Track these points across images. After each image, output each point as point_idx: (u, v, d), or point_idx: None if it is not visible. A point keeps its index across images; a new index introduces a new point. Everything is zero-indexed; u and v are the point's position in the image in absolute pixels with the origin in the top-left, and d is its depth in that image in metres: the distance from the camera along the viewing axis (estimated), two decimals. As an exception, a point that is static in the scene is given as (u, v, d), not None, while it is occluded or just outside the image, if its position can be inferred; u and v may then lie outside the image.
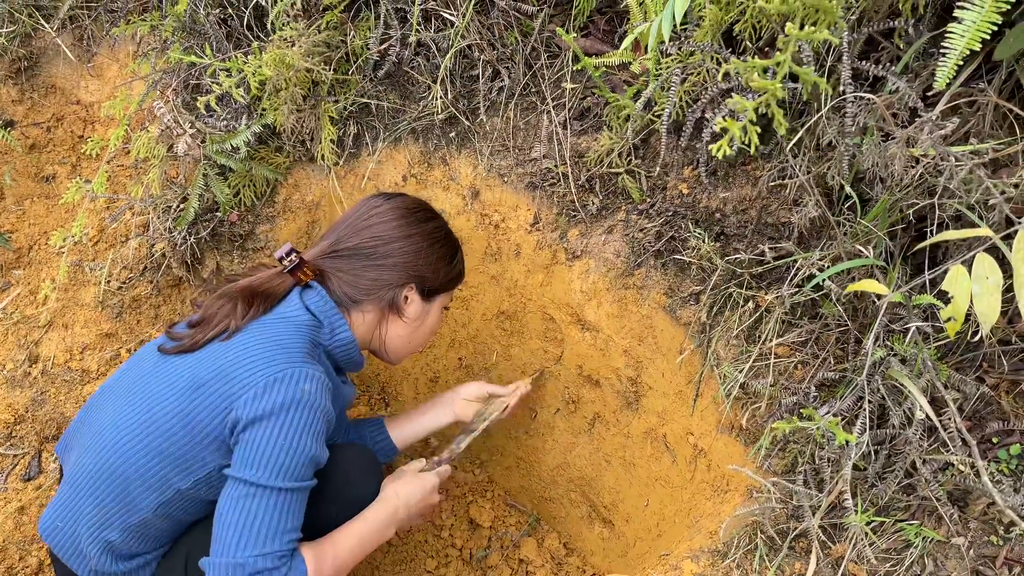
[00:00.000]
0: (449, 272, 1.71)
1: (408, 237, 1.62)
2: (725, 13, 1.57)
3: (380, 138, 2.10)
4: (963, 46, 1.07)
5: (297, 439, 1.38)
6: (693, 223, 1.71)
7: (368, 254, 1.60)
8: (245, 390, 1.38)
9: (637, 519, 1.99)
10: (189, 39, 2.16)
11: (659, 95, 1.66)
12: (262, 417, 1.37)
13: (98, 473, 1.46)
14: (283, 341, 1.47)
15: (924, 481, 1.36)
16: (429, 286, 1.68)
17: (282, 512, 1.37)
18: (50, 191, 2.59)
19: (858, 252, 1.44)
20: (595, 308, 1.87)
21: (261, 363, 1.41)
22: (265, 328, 1.49)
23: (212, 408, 1.40)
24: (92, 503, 1.46)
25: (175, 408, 1.42)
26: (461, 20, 1.94)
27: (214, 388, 1.41)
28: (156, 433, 1.43)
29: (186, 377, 1.44)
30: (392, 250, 1.61)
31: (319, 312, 1.55)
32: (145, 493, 1.44)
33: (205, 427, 1.41)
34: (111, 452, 1.45)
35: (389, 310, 1.65)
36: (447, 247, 1.71)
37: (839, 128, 1.38)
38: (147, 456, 1.43)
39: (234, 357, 1.43)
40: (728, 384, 1.61)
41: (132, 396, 1.49)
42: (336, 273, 1.60)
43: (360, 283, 1.60)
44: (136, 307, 2.31)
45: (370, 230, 1.61)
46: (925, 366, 1.33)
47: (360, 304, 1.61)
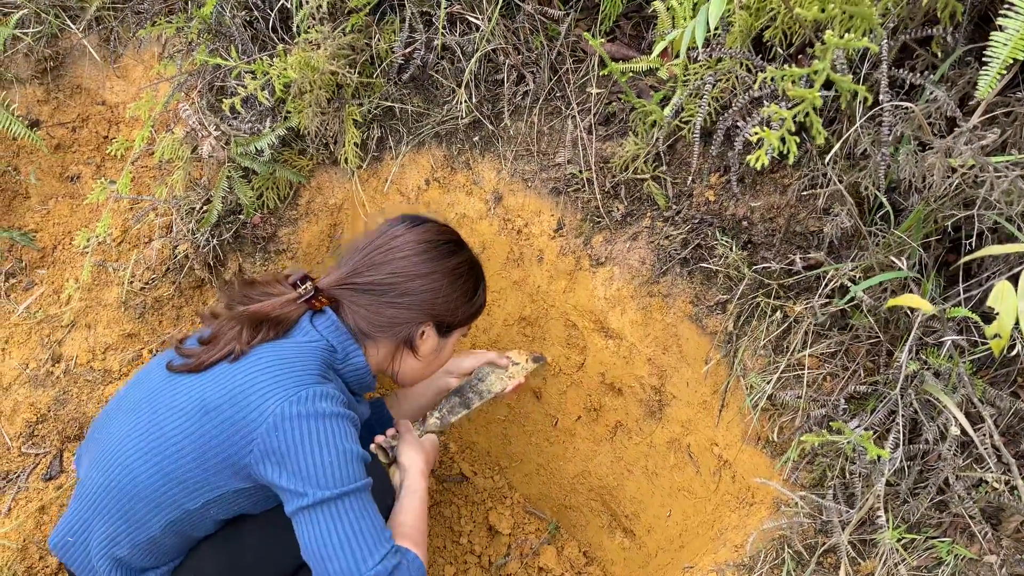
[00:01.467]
0: (469, 308, 1.65)
1: (429, 275, 1.55)
2: (755, 19, 1.55)
3: (404, 142, 2.10)
4: (1006, 55, 1.05)
5: (338, 445, 1.36)
6: (720, 231, 1.69)
7: (385, 291, 1.54)
8: (260, 419, 1.35)
9: (659, 530, 1.97)
10: (215, 41, 2.16)
11: (688, 102, 1.64)
12: (294, 444, 1.34)
13: (105, 489, 1.45)
14: (294, 363, 1.43)
15: (957, 498, 1.33)
16: (447, 323, 1.63)
17: (369, 514, 1.36)
18: (75, 191, 2.60)
19: (891, 263, 1.41)
20: (619, 315, 1.85)
21: (273, 387, 1.38)
22: (276, 351, 1.45)
23: (224, 434, 1.38)
24: (100, 519, 1.45)
25: (184, 431, 1.40)
26: (487, 24, 1.93)
27: (226, 414, 1.38)
28: (165, 454, 1.40)
29: (195, 400, 1.41)
30: (411, 288, 1.54)
31: (332, 339, 1.51)
32: (153, 511, 1.43)
33: (218, 453, 1.38)
34: (118, 469, 1.44)
35: (404, 345, 1.61)
36: (469, 283, 1.63)
37: (874, 137, 1.35)
38: (155, 476, 1.41)
39: (244, 381, 1.40)
40: (755, 395, 1.58)
41: (140, 412, 1.47)
42: (351, 306, 1.54)
43: (375, 320, 1.55)
44: (158, 308, 2.32)
45: (390, 265, 1.54)
46: (960, 381, 1.31)
47: (374, 338, 1.57)
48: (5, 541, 1.94)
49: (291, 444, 1.34)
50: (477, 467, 2.45)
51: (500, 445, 2.40)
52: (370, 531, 1.34)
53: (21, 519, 2.00)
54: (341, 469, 1.35)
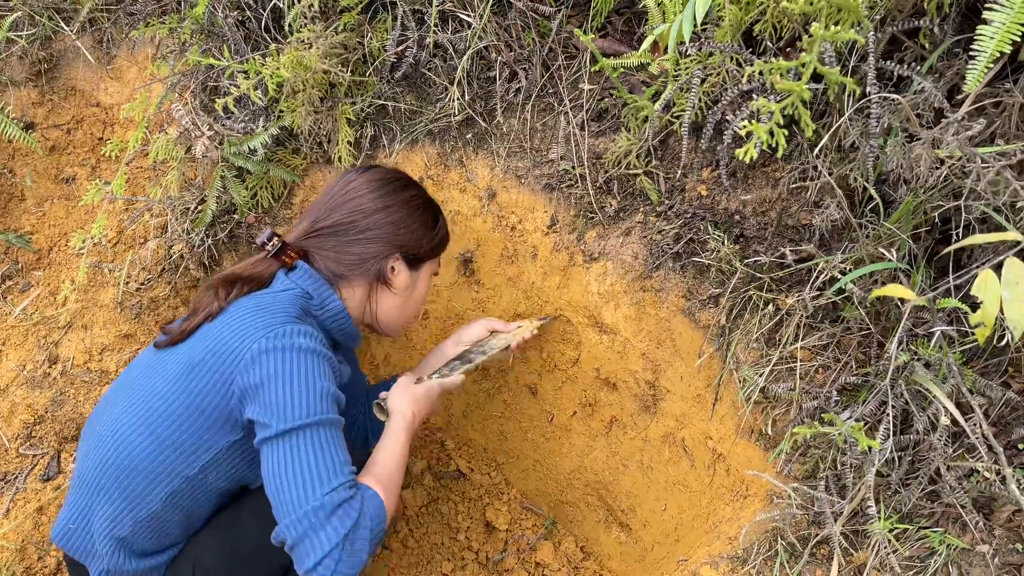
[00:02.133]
0: (432, 239, 1.71)
1: (387, 208, 1.63)
2: (745, 13, 1.55)
3: (397, 139, 2.10)
4: (993, 48, 1.05)
5: (310, 379, 1.38)
6: (712, 225, 1.70)
7: (348, 229, 1.61)
8: (239, 357, 1.38)
9: (655, 523, 1.97)
10: (207, 41, 2.17)
11: (679, 96, 1.65)
12: (268, 376, 1.36)
13: (103, 469, 1.47)
14: (271, 307, 1.47)
15: (949, 488, 1.34)
16: (414, 254, 1.68)
17: (329, 447, 1.36)
18: (70, 192, 2.60)
19: (881, 255, 1.41)
20: (612, 311, 1.85)
21: (250, 329, 1.42)
22: (252, 300, 1.50)
23: (212, 384, 1.41)
24: (101, 499, 1.47)
25: (174, 394, 1.43)
26: (478, 21, 1.93)
27: (208, 364, 1.41)
28: (158, 422, 1.43)
29: (181, 363, 1.45)
30: (372, 222, 1.61)
31: (307, 286, 1.57)
32: (152, 484, 1.45)
33: (208, 404, 1.41)
34: (114, 446, 1.46)
35: (377, 282, 1.66)
36: (428, 213, 1.70)
37: (863, 129, 1.36)
38: (151, 446, 1.43)
39: (222, 331, 1.44)
40: (748, 388, 1.59)
41: (130, 392, 1.51)
42: (320, 252, 1.61)
43: (344, 258, 1.61)
44: (154, 308, 2.32)
45: (348, 205, 1.62)
46: (950, 371, 1.31)
47: (347, 279, 1.62)
48: (3, 542, 1.95)
49: (265, 376, 1.37)
50: (474, 463, 2.46)
51: (496, 441, 2.40)
52: (328, 463, 1.34)
53: (19, 520, 2.00)
54: (308, 402, 1.36)
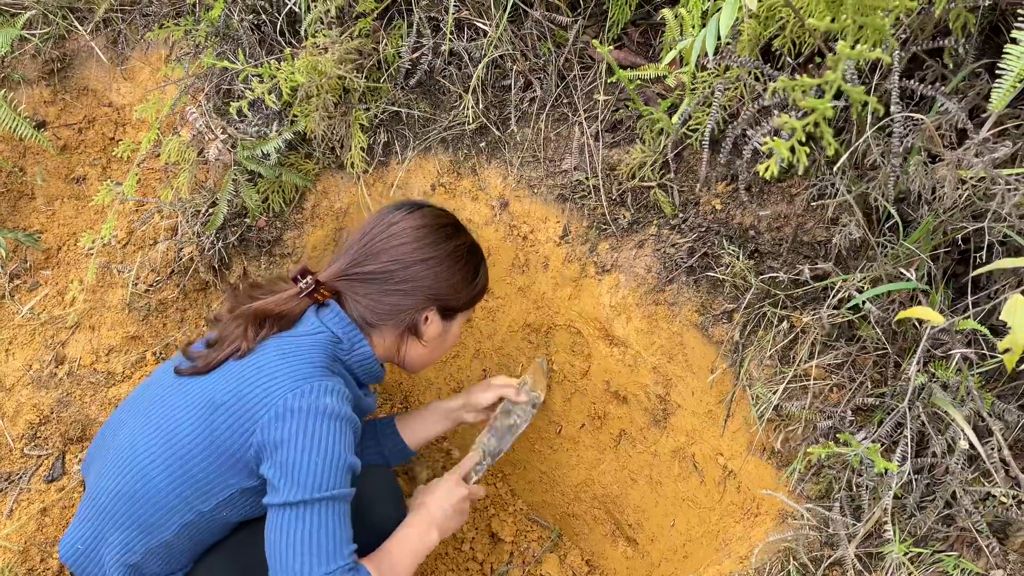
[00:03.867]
0: (471, 291, 1.65)
1: (427, 260, 1.55)
2: (764, 28, 1.55)
3: (410, 146, 2.09)
4: (1020, 68, 1.04)
5: (328, 449, 1.35)
6: (727, 240, 1.69)
7: (386, 279, 1.53)
8: (264, 409, 1.36)
9: (663, 539, 1.96)
10: (222, 44, 2.17)
11: (697, 110, 1.64)
12: (288, 438, 1.34)
13: (118, 496, 1.44)
14: (299, 356, 1.43)
15: (965, 512, 1.32)
16: (450, 307, 1.63)
17: (334, 525, 1.34)
18: (80, 192, 2.60)
19: (899, 274, 1.40)
20: (624, 323, 1.84)
21: (277, 380, 1.38)
22: (280, 343, 1.46)
23: (232, 429, 1.38)
24: (114, 527, 1.45)
25: (194, 430, 1.40)
26: (494, 30, 1.92)
27: (232, 408, 1.39)
28: (176, 456, 1.41)
29: (203, 399, 1.42)
30: (411, 275, 1.54)
31: (337, 329, 1.52)
32: (167, 515, 1.43)
33: (227, 449, 1.39)
34: (132, 474, 1.43)
35: (408, 332, 1.61)
36: (469, 265, 1.63)
37: (884, 148, 1.35)
38: (168, 479, 1.41)
39: (249, 375, 1.41)
40: (761, 405, 1.57)
41: (150, 417, 1.47)
42: (353, 296, 1.55)
43: (378, 308, 1.55)
44: (162, 310, 2.32)
45: (388, 253, 1.54)
46: (969, 394, 1.30)
47: (378, 327, 1.57)
48: (6, 543, 1.94)
49: (286, 437, 1.34)
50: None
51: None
52: (330, 542, 1.32)
53: (23, 521, 1.99)
54: (324, 474, 1.34)
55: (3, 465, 2.13)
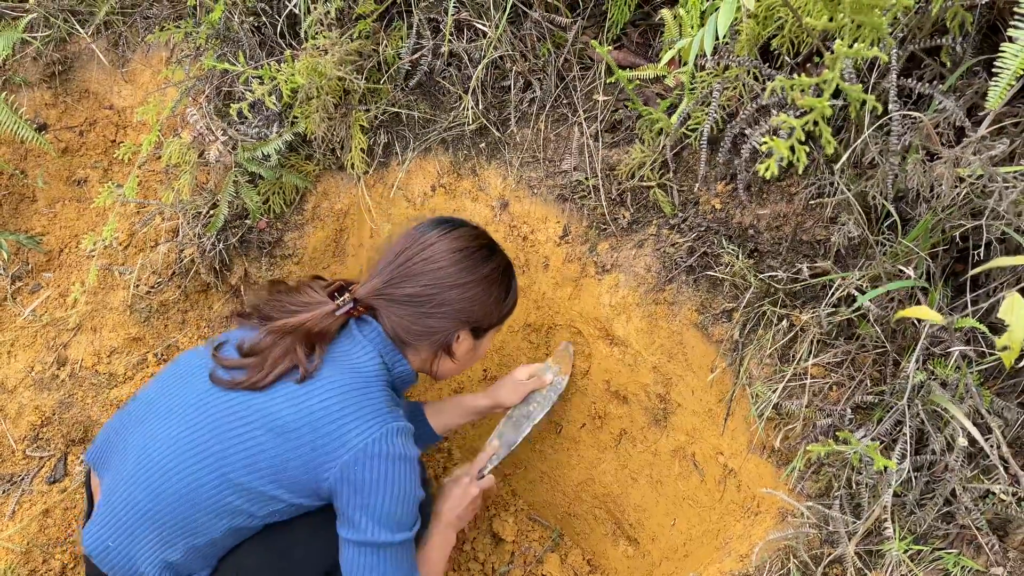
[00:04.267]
0: (502, 310, 1.67)
1: (466, 284, 1.56)
2: (762, 28, 1.55)
3: (410, 147, 2.10)
4: (1016, 66, 1.05)
5: (407, 492, 1.46)
6: (726, 239, 1.69)
7: (423, 303, 1.55)
8: (343, 449, 1.41)
9: (663, 538, 1.96)
10: (222, 46, 2.17)
11: (696, 110, 1.64)
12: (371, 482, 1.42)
13: (158, 496, 1.43)
14: (367, 391, 1.48)
15: (964, 509, 1.32)
16: (482, 327, 1.65)
17: (408, 558, 1.50)
18: (82, 194, 2.61)
19: (898, 272, 1.41)
20: (624, 323, 1.85)
21: (353, 418, 1.43)
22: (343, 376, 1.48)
23: (302, 458, 1.41)
24: (152, 525, 1.43)
25: (257, 446, 1.41)
26: (494, 31, 1.93)
27: (305, 438, 1.41)
28: (234, 467, 1.41)
29: (262, 416, 1.42)
30: (448, 299, 1.55)
31: (381, 349, 1.55)
32: (215, 519, 1.43)
33: (291, 470, 1.42)
34: (176, 476, 1.42)
35: (441, 350, 1.63)
36: (503, 286, 1.64)
37: (883, 146, 1.35)
38: (222, 487, 1.41)
39: (320, 407, 1.43)
40: (760, 404, 1.58)
41: (194, 422, 1.45)
42: (390, 316, 1.56)
43: (414, 329, 1.57)
44: (164, 312, 2.32)
45: (426, 276, 1.54)
46: (968, 391, 1.30)
47: (413, 346, 1.60)
48: (9, 544, 1.94)
49: (369, 481, 1.42)
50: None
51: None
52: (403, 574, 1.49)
53: (25, 522, 2.00)
54: (403, 516, 1.46)
55: (5, 467, 2.13)
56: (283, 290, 1.61)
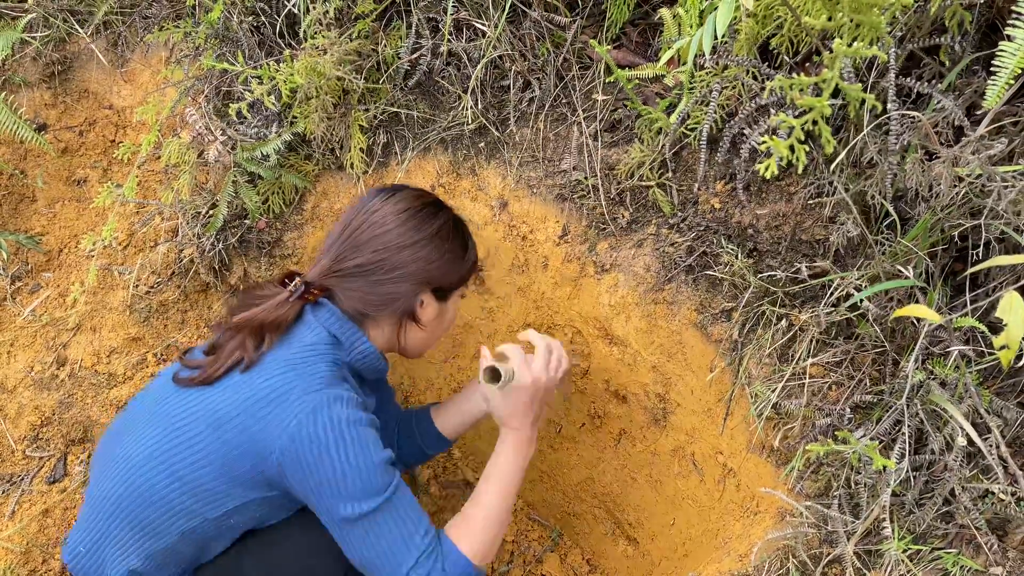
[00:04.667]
0: (462, 268, 1.62)
1: (415, 244, 1.52)
2: (761, 27, 1.55)
3: (409, 147, 2.10)
4: (1014, 65, 1.04)
5: (360, 456, 1.35)
6: (725, 238, 1.69)
7: (375, 270, 1.50)
8: (279, 432, 1.35)
9: (663, 538, 1.96)
10: (222, 46, 2.17)
11: (695, 109, 1.64)
12: (317, 460, 1.34)
13: (119, 499, 1.44)
14: (303, 368, 1.42)
15: (964, 509, 1.32)
16: (443, 286, 1.60)
17: (401, 520, 1.38)
18: (81, 194, 2.61)
19: (897, 272, 1.41)
20: (623, 323, 1.85)
21: (288, 399, 1.37)
22: (285, 357, 1.44)
23: (244, 446, 1.37)
24: (116, 528, 1.45)
25: (202, 441, 1.40)
26: (493, 30, 1.93)
27: (241, 424, 1.38)
28: (183, 464, 1.40)
29: (209, 411, 1.41)
30: (400, 261, 1.51)
31: (334, 329, 1.50)
32: (170, 520, 1.42)
33: (239, 462, 1.38)
34: (133, 478, 1.43)
35: (406, 318, 1.58)
36: (457, 242, 1.60)
37: (881, 146, 1.35)
38: (172, 485, 1.40)
39: (256, 391, 1.40)
40: (760, 404, 1.58)
41: (152, 423, 1.46)
42: (344, 293, 1.52)
43: (372, 300, 1.52)
44: (163, 312, 2.32)
45: (373, 243, 1.51)
46: (967, 391, 1.30)
47: (375, 318, 1.55)
48: (8, 544, 1.94)
49: (315, 456, 1.34)
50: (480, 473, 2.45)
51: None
52: (405, 537, 1.37)
53: (24, 522, 2.00)
54: (368, 480, 1.35)
55: (5, 467, 2.13)
56: (249, 289, 1.61)
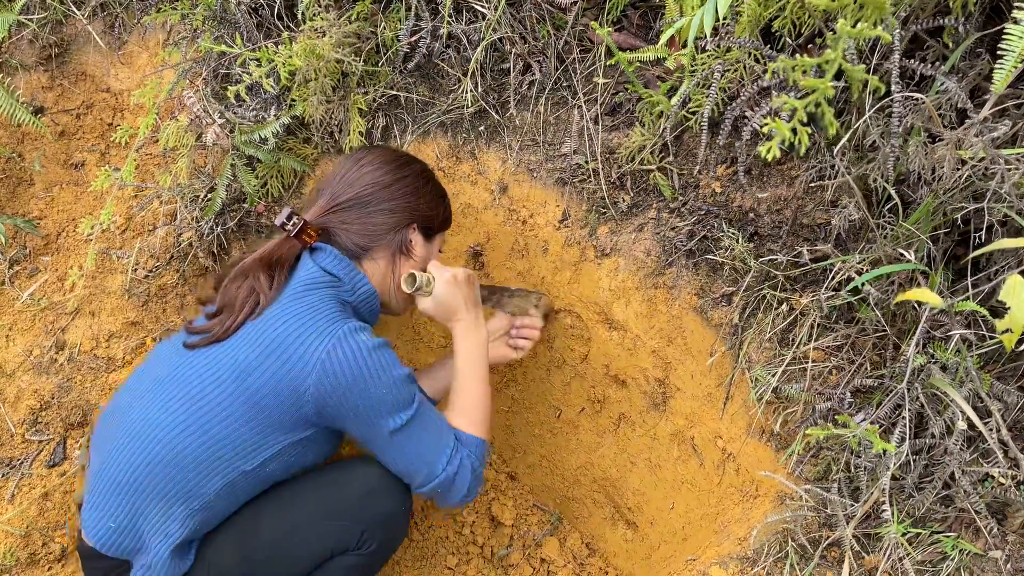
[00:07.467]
0: (444, 209, 1.77)
1: (403, 179, 1.67)
2: (764, 9, 1.53)
3: (409, 131, 2.09)
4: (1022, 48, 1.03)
5: (387, 376, 1.46)
6: (726, 222, 1.68)
7: (370, 200, 1.64)
8: (308, 369, 1.41)
9: (662, 522, 1.96)
10: (220, 28, 2.15)
11: (696, 92, 1.63)
12: (352, 383, 1.43)
13: (149, 470, 1.45)
14: (315, 306, 1.49)
15: (963, 492, 1.33)
16: (429, 224, 1.72)
17: (429, 426, 1.53)
18: (79, 178, 2.59)
19: (899, 256, 1.40)
20: (623, 307, 1.84)
21: (308, 333, 1.44)
22: (292, 299, 1.50)
23: (273, 388, 1.42)
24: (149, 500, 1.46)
25: (227, 395, 1.43)
26: (493, 13, 1.91)
27: (269, 369, 1.42)
28: (211, 422, 1.43)
29: (230, 363, 1.44)
30: (391, 193, 1.65)
31: (337, 271, 1.58)
32: (206, 479, 1.45)
33: (270, 406, 1.43)
34: (158, 446, 1.44)
35: (399, 253, 1.68)
36: (436, 185, 1.76)
37: (884, 128, 1.34)
38: (202, 445, 1.43)
39: (277, 334, 1.44)
40: (760, 388, 1.57)
41: (167, 392, 1.48)
42: (342, 226, 1.63)
43: (368, 229, 1.64)
44: (162, 296, 2.31)
45: (364, 179, 1.64)
46: (968, 375, 1.30)
47: (371, 251, 1.65)
48: (8, 527, 1.95)
49: (350, 384, 1.43)
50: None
51: (503, 436, 2.39)
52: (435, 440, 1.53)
53: (24, 506, 2.00)
54: (401, 395, 1.48)
55: (4, 450, 2.13)
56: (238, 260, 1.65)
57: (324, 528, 1.53)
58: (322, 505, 1.54)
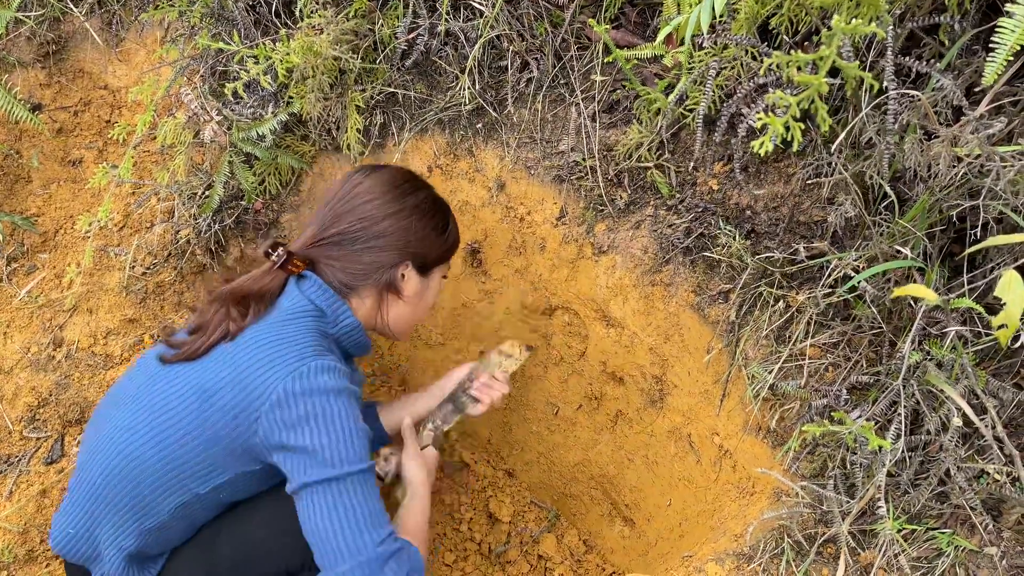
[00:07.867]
0: (443, 244, 1.65)
1: (396, 214, 1.55)
2: (761, 6, 1.54)
3: (406, 128, 2.09)
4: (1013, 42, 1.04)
5: (341, 425, 1.35)
6: (723, 220, 1.68)
7: (356, 238, 1.54)
8: (263, 399, 1.35)
9: (659, 518, 1.97)
10: (217, 25, 2.15)
11: (692, 89, 1.63)
12: (297, 423, 1.33)
13: (109, 478, 1.44)
14: (290, 337, 1.42)
15: (959, 489, 1.33)
16: (424, 260, 1.62)
17: (372, 494, 1.36)
18: (77, 175, 2.59)
19: (895, 253, 1.40)
20: (621, 304, 1.84)
21: (273, 366, 1.37)
22: (270, 328, 1.45)
23: (228, 417, 1.37)
24: (108, 508, 1.45)
25: (188, 416, 1.40)
26: (490, 10, 1.91)
27: (227, 397, 1.38)
28: (170, 440, 1.40)
29: (195, 384, 1.41)
30: (381, 230, 1.54)
31: (319, 302, 1.51)
32: (162, 496, 1.42)
33: (224, 436, 1.38)
34: (121, 457, 1.43)
35: (387, 291, 1.60)
36: (437, 217, 1.63)
37: (880, 125, 1.34)
38: (161, 461, 1.41)
39: (242, 361, 1.39)
40: (756, 385, 1.58)
41: (137, 403, 1.46)
42: (327, 261, 1.54)
43: (353, 269, 1.54)
44: (160, 293, 2.32)
45: (354, 212, 1.54)
46: (963, 371, 1.30)
47: (357, 290, 1.56)
48: (6, 524, 1.95)
49: (295, 422, 1.33)
50: (477, 455, 2.45)
51: (501, 433, 2.40)
52: (374, 512, 1.34)
53: (22, 502, 2.00)
54: (346, 449, 1.34)
55: (2, 447, 2.14)
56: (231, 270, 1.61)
57: (283, 544, 1.48)
58: (282, 522, 1.47)
